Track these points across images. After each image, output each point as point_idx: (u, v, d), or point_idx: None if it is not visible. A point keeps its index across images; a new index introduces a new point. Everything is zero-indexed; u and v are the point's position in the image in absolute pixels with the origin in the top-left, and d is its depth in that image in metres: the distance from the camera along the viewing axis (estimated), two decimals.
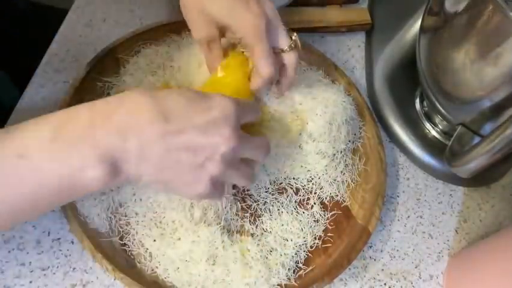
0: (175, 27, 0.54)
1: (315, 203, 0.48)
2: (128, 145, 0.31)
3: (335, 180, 0.49)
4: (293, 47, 0.43)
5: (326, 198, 0.49)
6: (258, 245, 0.43)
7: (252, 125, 0.44)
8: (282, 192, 0.47)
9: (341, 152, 0.49)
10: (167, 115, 0.32)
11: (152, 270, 0.41)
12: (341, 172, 0.50)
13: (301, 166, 0.48)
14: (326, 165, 0.48)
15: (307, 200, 0.48)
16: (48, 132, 0.30)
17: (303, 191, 0.48)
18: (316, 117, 0.47)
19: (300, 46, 0.44)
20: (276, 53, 0.43)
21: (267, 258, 0.43)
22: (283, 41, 0.43)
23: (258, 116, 0.40)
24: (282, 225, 0.45)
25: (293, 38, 0.43)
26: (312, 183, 0.49)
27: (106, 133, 0.30)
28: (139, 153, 0.31)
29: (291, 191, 0.48)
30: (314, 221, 0.46)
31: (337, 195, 0.49)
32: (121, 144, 0.31)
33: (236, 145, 0.34)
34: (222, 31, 0.43)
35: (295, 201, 0.47)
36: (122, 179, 0.32)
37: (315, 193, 0.48)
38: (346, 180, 0.50)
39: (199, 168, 0.33)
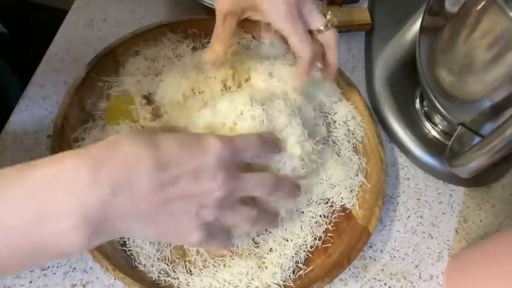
0: (175, 27, 0.54)
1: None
2: (118, 201, 0.28)
3: (349, 182, 0.49)
4: (329, 26, 0.42)
5: (330, 199, 0.48)
6: (257, 244, 0.43)
7: None
8: None
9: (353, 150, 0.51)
10: (161, 164, 0.30)
11: (152, 269, 0.41)
12: (355, 174, 0.49)
13: (333, 186, 0.48)
14: (347, 172, 0.48)
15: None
16: (27, 186, 0.27)
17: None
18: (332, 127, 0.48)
19: (336, 23, 0.43)
20: (312, 34, 0.42)
21: (264, 258, 0.43)
22: (318, 21, 0.42)
23: (265, 149, 0.37)
24: (282, 225, 0.45)
25: (328, 16, 0.42)
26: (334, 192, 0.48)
27: (93, 187, 0.28)
28: (131, 209, 0.29)
29: None
30: (315, 221, 0.46)
31: (343, 199, 0.48)
32: (110, 198, 0.28)
33: (231, 188, 0.33)
34: (244, 10, 0.42)
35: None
36: (104, 238, 0.30)
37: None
38: (361, 181, 0.49)
39: (192, 217, 0.32)
